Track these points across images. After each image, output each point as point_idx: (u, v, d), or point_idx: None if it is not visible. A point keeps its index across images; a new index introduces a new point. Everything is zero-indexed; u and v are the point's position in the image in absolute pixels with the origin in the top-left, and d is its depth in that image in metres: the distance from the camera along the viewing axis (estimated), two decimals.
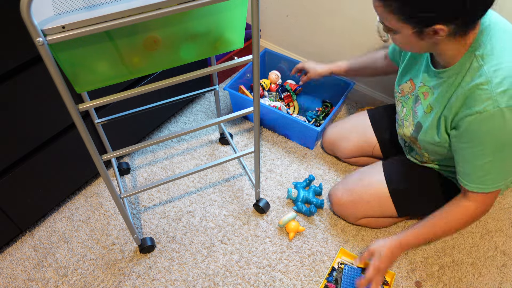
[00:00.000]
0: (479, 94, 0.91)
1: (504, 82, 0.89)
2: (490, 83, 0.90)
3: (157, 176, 1.58)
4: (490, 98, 0.89)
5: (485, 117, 0.91)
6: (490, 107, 0.89)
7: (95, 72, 0.87)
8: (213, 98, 1.88)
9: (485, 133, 0.93)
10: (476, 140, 0.95)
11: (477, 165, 0.99)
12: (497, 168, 0.97)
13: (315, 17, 1.72)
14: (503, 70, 0.90)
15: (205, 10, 0.87)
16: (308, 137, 1.62)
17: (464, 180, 1.04)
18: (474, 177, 1.01)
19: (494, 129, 0.92)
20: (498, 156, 0.95)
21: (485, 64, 0.92)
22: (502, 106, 0.88)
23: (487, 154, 0.96)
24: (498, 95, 0.89)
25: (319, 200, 1.45)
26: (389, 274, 1.28)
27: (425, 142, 1.12)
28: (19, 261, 1.34)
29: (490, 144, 0.94)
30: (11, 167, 1.21)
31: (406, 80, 1.18)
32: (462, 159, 1.02)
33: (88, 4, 0.74)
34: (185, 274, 1.31)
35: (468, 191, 1.03)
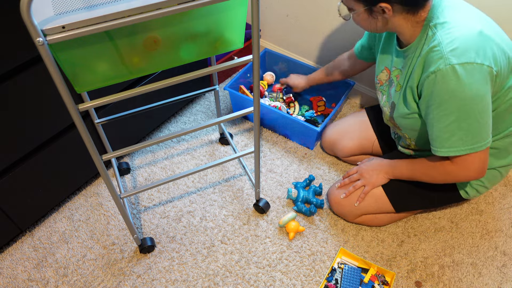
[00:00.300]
0: (432, 56, 0.97)
1: (454, 41, 0.94)
2: (441, 44, 0.96)
3: (157, 176, 1.58)
4: (441, 57, 0.94)
5: (439, 76, 0.95)
6: (442, 65, 0.94)
7: (95, 72, 0.87)
8: (213, 98, 1.88)
9: (442, 92, 0.96)
10: (436, 101, 0.98)
11: (442, 127, 1.00)
12: (463, 128, 0.98)
13: (315, 17, 1.72)
14: (453, 32, 0.95)
15: (205, 10, 0.87)
16: (308, 137, 1.62)
17: (433, 146, 1.05)
18: (441, 140, 1.02)
19: (449, 86, 0.94)
20: (460, 114, 0.96)
21: (437, 31, 0.98)
22: (454, 63, 0.92)
23: (449, 113, 0.97)
24: (449, 53, 0.94)
25: (319, 200, 1.45)
26: (389, 274, 1.28)
27: (399, 118, 1.16)
28: (19, 261, 1.34)
29: (449, 102, 0.96)
30: (11, 167, 1.21)
31: (381, 70, 1.24)
32: (429, 126, 1.04)
33: (88, 4, 0.74)
34: (185, 274, 1.31)
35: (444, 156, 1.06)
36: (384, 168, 1.26)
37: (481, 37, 0.95)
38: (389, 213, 1.35)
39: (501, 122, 1.11)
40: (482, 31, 0.96)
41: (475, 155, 1.01)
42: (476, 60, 0.93)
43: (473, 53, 0.93)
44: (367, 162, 1.32)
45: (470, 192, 1.26)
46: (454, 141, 1.00)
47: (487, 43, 0.95)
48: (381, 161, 1.29)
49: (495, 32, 1.00)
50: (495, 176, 1.24)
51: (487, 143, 1.00)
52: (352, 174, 1.34)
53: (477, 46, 0.94)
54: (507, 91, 1.03)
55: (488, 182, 1.24)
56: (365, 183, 1.28)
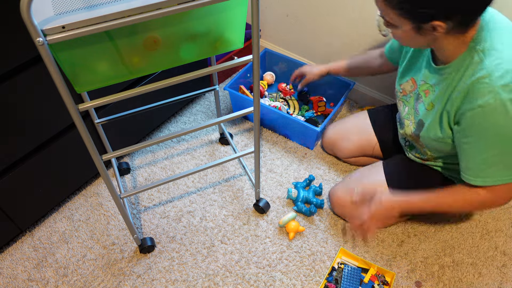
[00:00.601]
0: (481, 87, 0.91)
1: (506, 75, 0.89)
2: (491, 76, 0.90)
3: (157, 176, 1.58)
4: (491, 91, 0.89)
5: (487, 110, 0.90)
6: (492, 100, 0.89)
7: (95, 72, 0.87)
8: (213, 98, 1.88)
9: (488, 127, 0.93)
10: (479, 134, 0.95)
11: (481, 159, 0.98)
12: (502, 161, 0.96)
13: (315, 17, 1.72)
14: (504, 64, 0.90)
15: (205, 10, 0.87)
16: (308, 137, 1.62)
17: (467, 175, 1.02)
18: (477, 170, 1.00)
19: (497, 122, 0.91)
20: (505, 149, 0.95)
21: (485, 58, 0.92)
22: (504, 98, 0.88)
23: (492, 147, 0.95)
24: (500, 88, 0.88)
25: (319, 200, 1.45)
26: (389, 274, 1.28)
27: (428, 139, 1.11)
28: (19, 261, 1.34)
29: (493, 137, 0.94)
30: (11, 167, 1.21)
31: (407, 79, 1.18)
32: (465, 155, 1.01)
33: (88, 4, 0.74)
34: (185, 274, 1.31)
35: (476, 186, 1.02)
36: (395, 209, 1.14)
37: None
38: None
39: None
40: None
41: (508, 186, 1.00)
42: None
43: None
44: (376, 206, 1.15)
45: None
46: (492, 172, 0.98)
47: None
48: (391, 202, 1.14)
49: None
50: None
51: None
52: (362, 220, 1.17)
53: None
54: None
55: None
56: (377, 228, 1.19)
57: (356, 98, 1.86)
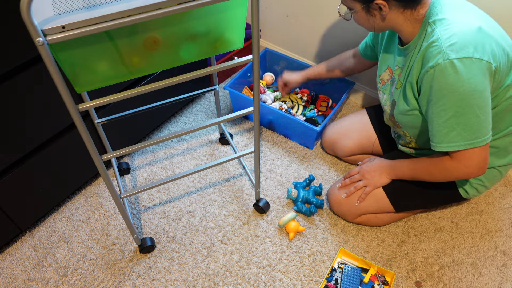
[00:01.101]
0: (431, 51, 0.97)
1: (453, 36, 0.94)
2: (440, 39, 0.96)
3: (157, 176, 1.58)
4: (440, 52, 0.95)
5: (438, 70, 0.95)
6: (441, 60, 0.94)
7: (95, 72, 0.87)
8: (213, 98, 1.88)
9: (441, 87, 0.96)
10: (435, 96, 0.98)
11: (441, 122, 1.00)
12: (462, 123, 0.98)
13: (315, 17, 1.72)
14: (452, 28, 0.96)
15: (205, 10, 0.87)
16: (308, 137, 1.62)
17: (433, 142, 1.05)
18: (440, 135, 1.02)
19: (448, 81, 0.94)
20: (459, 109, 0.96)
21: (436, 27, 0.99)
22: (452, 57, 0.93)
23: (447, 108, 0.97)
24: (447, 48, 0.94)
25: (319, 200, 1.45)
26: (389, 274, 1.28)
27: (399, 116, 1.16)
28: (19, 261, 1.34)
29: (448, 97, 0.96)
30: (11, 167, 1.21)
31: (384, 69, 1.24)
32: (429, 122, 1.04)
33: (88, 4, 0.74)
34: (185, 274, 1.31)
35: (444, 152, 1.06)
36: (386, 169, 1.26)
37: (480, 33, 0.95)
38: (389, 213, 1.35)
39: (501, 121, 1.11)
40: (481, 28, 0.96)
41: (474, 151, 1.01)
42: (475, 55, 0.93)
43: (471, 48, 0.93)
44: (368, 162, 1.32)
45: (470, 192, 1.25)
46: (453, 136, 1.00)
47: (486, 39, 0.95)
48: (383, 161, 1.28)
49: (495, 30, 1.00)
50: (495, 176, 1.24)
51: (487, 139, 1.00)
52: (354, 174, 1.33)
53: (475, 42, 0.94)
54: (506, 89, 1.03)
55: (487, 182, 1.24)
56: (367, 183, 1.28)
57: (356, 98, 1.86)
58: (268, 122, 1.72)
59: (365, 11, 1.04)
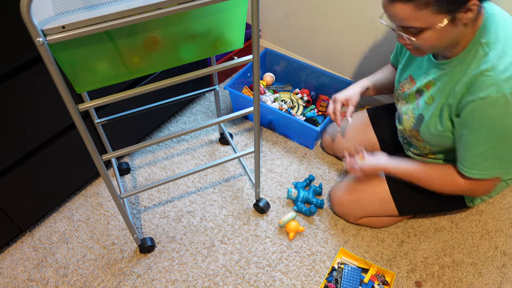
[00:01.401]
0: (484, 80, 0.90)
1: (509, 68, 0.89)
2: (495, 69, 0.89)
3: (157, 176, 1.58)
4: (494, 84, 0.89)
5: (488, 103, 0.90)
6: (494, 93, 0.89)
7: (95, 72, 0.87)
8: (213, 98, 1.88)
9: (487, 119, 0.93)
10: (479, 126, 0.95)
11: (477, 152, 0.98)
12: (498, 155, 0.97)
13: (315, 17, 1.72)
14: (508, 57, 0.90)
15: (205, 10, 0.87)
16: (308, 137, 1.62)
17: (462, 166, 1.04)
18: (473, 162, 1.01)
19: (497, 114, 0.91)
20: (499, 142, 0.95)
21: (490, 51, 0.92)
22: (506, 92, 0.88)
23: (488, 140, 0.95)
24: (503, 81, 0.88)
25: (319, 200, 1.45)
26: (389, 274, 1.28)
27: (427, 133, 1.12)
28: (19, 261, 1.34)
29: (492, 130, 0.94)
30: (11, 167, 1.21)
31: (405, 77, 1.19)
32: (463, 146, 1.02)
33: (88, 4, 0.74)
34: (185, 274, 1.31)
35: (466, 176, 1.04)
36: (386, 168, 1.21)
37: None
38: (392, 216, 1.34)
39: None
40: None
41: (493, 180, 1.02)
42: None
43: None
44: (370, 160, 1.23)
45: (475, 201, 1.27)
46: (486, 166, 0.99)
47: None
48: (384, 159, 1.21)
49: None
50: (502, 187, 1.23)
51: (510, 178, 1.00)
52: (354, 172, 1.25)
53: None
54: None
55: (494, 193, 1.24)
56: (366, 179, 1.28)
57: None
58: (268, 122, 1.72)
59: (450, 24, 0.87)
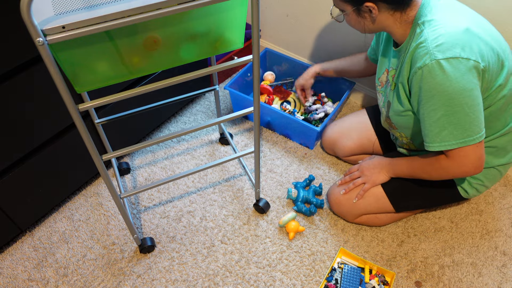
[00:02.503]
0: (419, 52, 0.99)
1: (440, 37, 0.96)
2: (427, 40, 0.97)
3: (157, 176, 1.58)
4: (427, 52, 0.96)
5: (425, 71, 0.96)
6: (428, 61, 0.95)
7: (95, 72, 0.87)
8: (213, 98, 1.88)
9: (429, 88, 0.97)
10: (425, 97, 0.99)
11: (432, 122, 1.00)
12: (452, 122, 0.98)
13: (315, 17, 1.72)
14: (439, 29, 0.97)
15: (205, 10, 0.87)
16: (308, 137, 1.62)
17: (426, 142, 1.05)
18: (432, 134, 1.02)
19: (436, 81, 0.95)
20: (449, 108, 0.97)
21: (425, 28, 1.00)
22: (439, 58, 0.94)
23: (437, 108, 0.98)
24: (434, 49, 0.95)
25: (319, 200, 1.45)
26: (389, 274, 1.28)
27: (394, 117, 1.17)
28: (19, 261, 1.34)
29: (437, 97, 0.97)
30: (11, 167, 1.21)
31: (382, 72, 1.24)
32: (421, 122, 1.05)
33: (88, 4, 0.74)
34: (185, 274, 1.31)
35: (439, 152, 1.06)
36: (385, 167, 1.26)
37: (468, 34, 0.96)
38: (389, 213, 1.35)
39: (496, 120, 1.11)
40: (469, 28, 0.97)
41: (468, 149, 1.01)
42: (462, 54, 0.93)
43: (458, 48, 0.94)
44: (368, 160, 1.33)
45: (470, 191, 1.26)
46: (445, 135, 1.00)
47: (473, 39, 0.96)
48: (382, 159, 1.29)
49: (484, 30, 1.01)
50: (495, 175, 1.24)
51: (480, 137, 1.00)
52: (353, 171, 1.34)
53: (462, 42, 0.95)
54: (499, 89, 1.04)
55: (487, 181, 1.24)
56: (366, 180, 1.29)
57: (356, 98, 1.86)
58: (268, 122, 1.72)
59: (355, 13, 1.06)
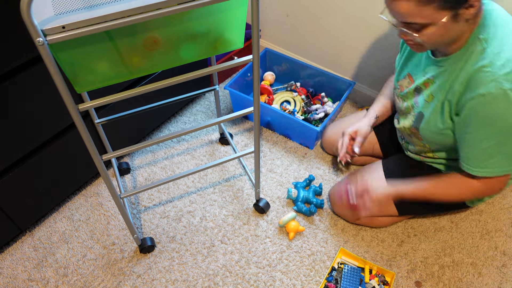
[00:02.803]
0: (482, 76, 0.90)
1: (508, 64, 0.88)
2: (494, 65, 0.89)
3: (157, 176, 1.58)
4: (493, 80, 0.88)
5: (488, 99, 0.90)
6: (493, 89, 0.88)
7: (95, 72, 0.87)
8: (213, 98, 1.88)
9: (489, 116, 0.92)
10: (480, 124, 0.94)
11: (481, 149, 0.97)
12: (503, 152, 0.96)
13: (315, 17, 1.72)
14: (506, 53, 0.89)
15: (205, 10, 0.87)
16: (308, 137, 1.62)
17: (467, 165, 1.02)
18: (477, 160, 1.00)
19: (498, 111, 0.90)
20: (503, 139, 0.94)
21: (488, 47, 0.91)
22: (506, 87, 0.87)
23: (490, 137, 0.95)
24: (502, 77, 0.88)
25: (319, 200, 1.45)
26: (389, 274, 1.28)
27: (427, 131, 1.11)
28: (19, 261, 1.34)
29: (494, 127, 0.93)
30: (11, 167, 1.21)
31: (404, 75, 1.19)
32: (466, 145, 1.01)
33: (88, 4, 0.74)
34: (185, 274, 1.31)
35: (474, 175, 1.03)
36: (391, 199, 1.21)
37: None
38: (391, 216, 1.35)
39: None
40: None
41: (506, 177, 1.01)
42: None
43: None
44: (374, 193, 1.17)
45: (476, 201, 1.26)
46: (492, 163, 0.98)
47: None
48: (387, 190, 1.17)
49: None
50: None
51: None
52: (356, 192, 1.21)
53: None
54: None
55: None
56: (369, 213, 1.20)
57: (356, 98, 1.85)
58: (268, 122, 1.72)
59: (452, 19, 0.87)
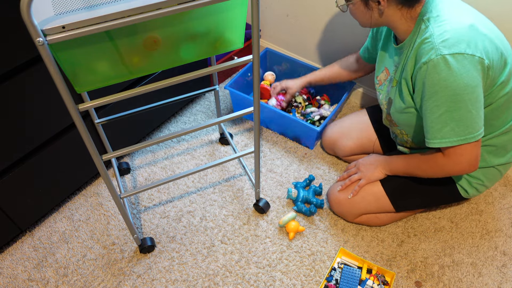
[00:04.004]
0: (424, 47, 0.98)
1: (446, 33, 0.96)
2: (433, 36, 0.97)
3: (157, 176, 1.58)
4: (432, 48, 0.96)
5: (430, 66, 0.95)
6: (434, 56, 0.95)
7: (95, 72, 0.87)
8: (213, 98, 1.88)
9: (434, 83, 0.96)
10: (428, 92, 0.99)
11: (434, 118, 1.00)
12: (455, 118, 0.98)
13: (315, 17, 1.72)
14: (445, 25, 0.97)
15: (205, 10, 0.87)
16: (308, 137, 1.62)
17: (427, 138, 1.05)
18: (433, 131, 1.02)
19: (441, 76, 0.95)
20: (452, 104, 0.96)
21: (430, 24, 1.00)
22: (445, 53, 0.93)
23: (440, 104, 0.97)
24: (440, 44, 0.95)
25: (319, 200, 1.45)
26: (389, 274, 1.28)
27: (396, 114, 1.17)
28: (19, 261, 1.34)
29: (440, 92, 0.96)
30: (11, 167, 1.21)
31: (382, 70, 1.24)
32: (423, 118, 1.04)
33: (88, 4, 0.74)
34: (185, 274, 1.31)
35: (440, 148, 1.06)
36: (381, 163, 1.27)
37: (473, 31, 0.96)
38: (389, 212, 1.35)
39: (496, 118, 1.11)
40: (473, 25, 0.97)
41: (466, 147, 1.01)
42: (467, 51, 0.94)
43: (464, 44, 0.94)
44: (366, 157, 1.34)
45: (470, 191, 1.26)
46: (446, 132, 1.00)
47: (478, 36, 0.96)
48: (378, 156, 1.30)
49: (488, 28, 1.01)
50: (495, 175, 1.24)
51: (479, 135, 1.00)
52: (351, 168, 1.36)
53: (468, 38, 0.95)
54: (500, 87, 1.04)
55: (487, 181, 1.24)
56: (361, 176, 1.30)
57: (356, 98, 1.86)
58: (268, 122, 1.72)
59: (363, 3, 1.05)
